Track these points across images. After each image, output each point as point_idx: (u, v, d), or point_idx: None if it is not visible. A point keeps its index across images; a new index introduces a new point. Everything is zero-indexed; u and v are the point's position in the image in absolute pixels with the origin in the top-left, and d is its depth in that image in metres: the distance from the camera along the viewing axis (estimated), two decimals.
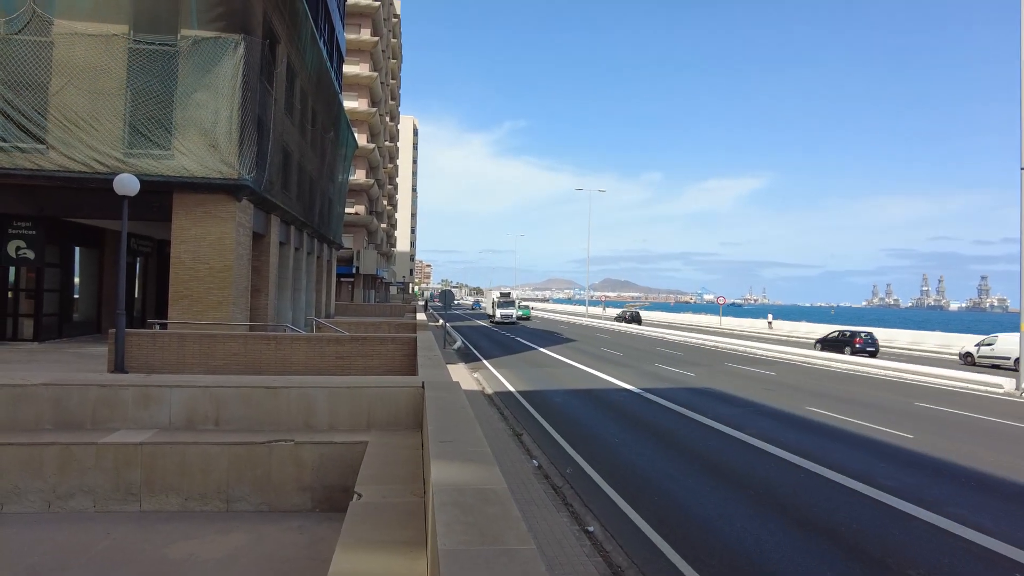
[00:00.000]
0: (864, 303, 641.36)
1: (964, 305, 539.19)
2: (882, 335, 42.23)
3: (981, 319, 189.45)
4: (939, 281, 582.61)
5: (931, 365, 28.28)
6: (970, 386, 23.12)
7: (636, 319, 69.46)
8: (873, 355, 33.78)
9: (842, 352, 33.92)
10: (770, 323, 58.44)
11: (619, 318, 72.08)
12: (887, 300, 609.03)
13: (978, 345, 31.81)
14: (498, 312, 62.70)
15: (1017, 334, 27.89)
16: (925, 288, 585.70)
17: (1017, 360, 26.80)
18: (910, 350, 40.01)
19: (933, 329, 53.22)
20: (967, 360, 32.02)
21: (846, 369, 28.39)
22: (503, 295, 65.26)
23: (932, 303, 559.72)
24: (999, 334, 31.21)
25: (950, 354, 36.32)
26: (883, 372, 27.05)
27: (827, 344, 36.54)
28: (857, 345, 34.70)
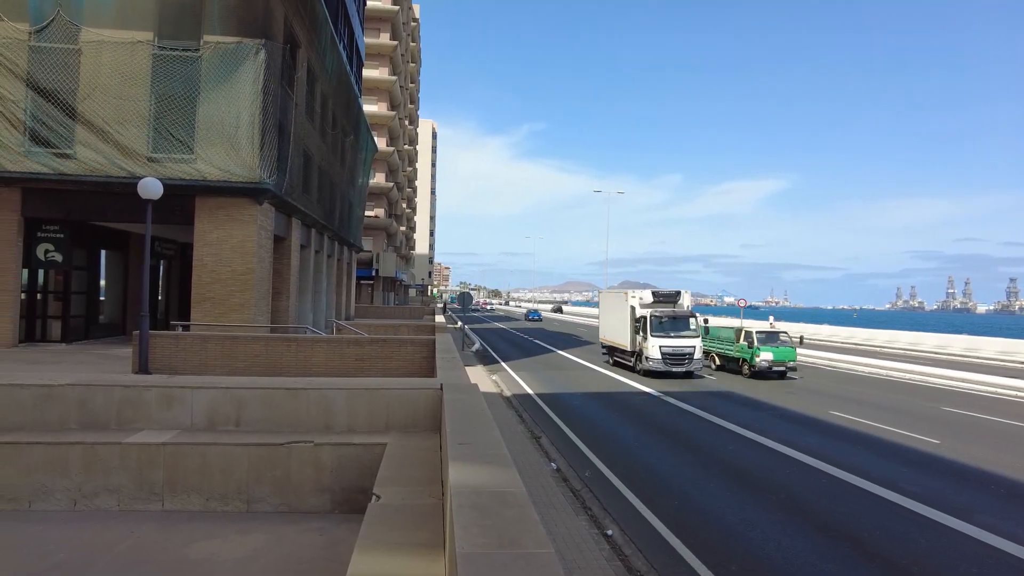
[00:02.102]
0: (888, 306, 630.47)
1: (992, 308, 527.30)
2: (906, 338, 45.46)
3: (1009, 323, 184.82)
4: (965, 283, 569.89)
5: (958, 369, 27.88)
6: (999, 391, 22.62)
7: (559, 311, 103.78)
8: None
9: None
10: (771, 325, 60.46)
11: (555, 310, 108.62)
12: (911, 303, 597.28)
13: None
14: (654, 343, 23.98)
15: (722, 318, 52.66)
16: (951, 291, 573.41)
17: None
18: (936, 354, 39.41)
19: (960, 333, 53.31)
20: None
21: (871, 373, 27.94)
22: (660, 298, 26.42)
23: (958, 306, 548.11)
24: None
25: (977, 358, 36.54)
26: (910, 376, 26.61)
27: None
28: None
